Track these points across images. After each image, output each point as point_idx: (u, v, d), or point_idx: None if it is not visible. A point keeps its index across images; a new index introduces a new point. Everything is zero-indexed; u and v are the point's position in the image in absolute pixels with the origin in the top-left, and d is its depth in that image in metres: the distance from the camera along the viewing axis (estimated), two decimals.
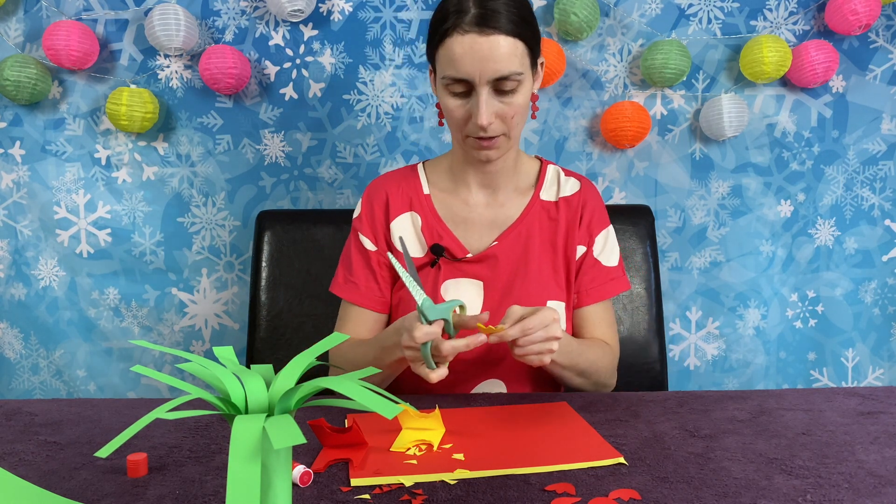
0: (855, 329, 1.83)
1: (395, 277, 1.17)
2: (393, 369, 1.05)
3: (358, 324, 1.16)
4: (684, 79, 1.69)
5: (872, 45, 1.73)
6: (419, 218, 1.15)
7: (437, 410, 0.86)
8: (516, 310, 0.92)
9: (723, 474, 0.74)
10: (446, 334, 0.91)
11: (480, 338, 0.89)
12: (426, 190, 1.16)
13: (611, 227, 1.19)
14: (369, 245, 1.16)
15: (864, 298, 1.82)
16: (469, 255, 1.12)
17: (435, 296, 1.11)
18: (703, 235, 1.78)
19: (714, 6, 1.70)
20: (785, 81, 1.73)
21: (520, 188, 1.17)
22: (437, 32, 1.01)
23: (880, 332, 1.83)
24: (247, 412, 0.54)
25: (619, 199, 1.76)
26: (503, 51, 0.97)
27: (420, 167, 1.20)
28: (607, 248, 1.17)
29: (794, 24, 1.71)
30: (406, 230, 1.15)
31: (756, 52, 1.61)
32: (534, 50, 1.03)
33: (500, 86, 0.99)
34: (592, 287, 1.15)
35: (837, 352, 1.83)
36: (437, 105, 1.13)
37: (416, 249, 1.14)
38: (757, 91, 1.74)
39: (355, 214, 1.19)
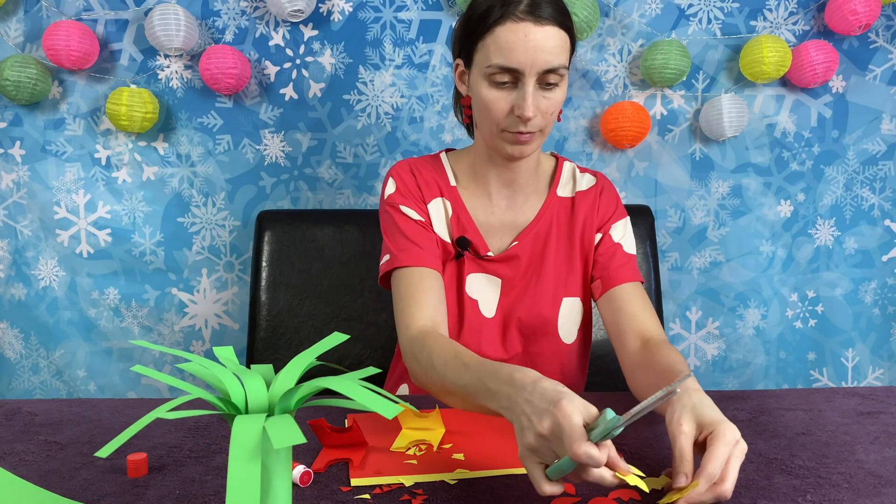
0: (855, 329, 1.82)
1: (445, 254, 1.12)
2: (475, 409, 0.83)
3: (429, 290, 1.02)
4: (684, 79, 1.69)
5: (872, 45, 1.73)
6: (450, 206, 1.11)
7: (437, 410, 0.86)
8: (686, 439, 0.67)
9: None
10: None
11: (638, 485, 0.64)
12: (453, 182, 1.14)
13: (628, 219, 1.16)
14: (415, 215, 1.09)
15: (864, 298, 1.82)
16: (491, 254, 1.11)
17: (459, 290, 1.09)
18: (703, 235, 1.78)
19: (714, 6, 1.70)
20: (785, 81, 1.73)
21: (538, 187, 1.15)
22: (484, 23, 0.98)
23: (880, 332, 1.83)
24: (247, 412, 0.54)
25: None
26: (554, 42, 0.96)
27: (444, 158, 1.16)
28: (627, 236, 1.14)
29: (794, 24, 1.71)
30: (439, 214, 1.11)
31: (756, 52, 1.61)
32: (573, 46, 1.02)
33: (546, 79, 0.97)
34: (619, 268, 1.10)
35: (837, 352, 1.83)
36: (463, 101, 1.10)
37: (444, 236, 1.11)
38: (757, 91, 1.74)
39: (390, 191, 1.11)
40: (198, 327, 1.76)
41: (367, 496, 0.69)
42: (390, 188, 1.12)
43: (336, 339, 0.60)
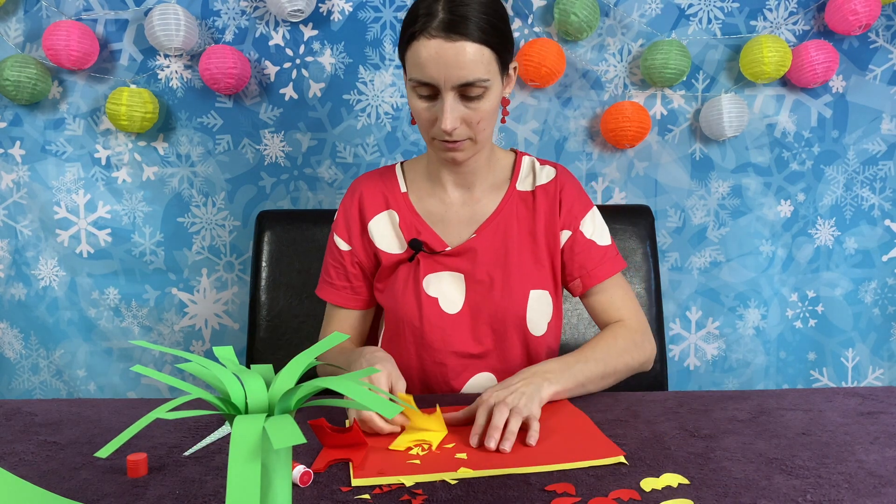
0: (855, 329, 1.82)
1: (372, 273, 1.19)
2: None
3: (336, 320, 1.21)
4: (684, 79, 1.69)
5: (872, 45, 1.73)
6: (397, 215, 1.15)
7: (438, 411, 0.86)
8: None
9: (723, 474, 0.74)
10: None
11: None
12: (403, 188, 1.18)
13: (595, 209, 1.18)
14: (343, 245, 1.18)
15: (864, 298, 1.82)
16: (448, 249, 1.13)
17: (417, 290, 1.12)
18: (703, 235, 1.78)
19: (714, 6, 1.70)
20: (785, 81, 1.73)
21: (496, 183, 1.17)
22: (406, 34, 1.01)
23: (880, 332, 1.83)
24: (247, 412, 0.54)
25: (619, 199, 1.76)
26: (469, 57, 0.97)
27: (398, 167, 1.21)
28: (597, 228, 1.17)
29: (794, 24, 1.71)
30: (384, 229, 1.16)
31: (756, 52, 1.61)
32: (503, 57, 1.03)
33: (466, 91, 0.99)
34: (595, 266, 1.14)
35: (837, 352, 1.83)
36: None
37: (395, 246, 1.15)
38: (757, 91, 1.74)
39: (336, 217, 1.21)
40: (198, 327, 1.76)
41: (367, 496, 0.69)
42: (337, 215, 1.21)
43: (336, 338, 0.60)
